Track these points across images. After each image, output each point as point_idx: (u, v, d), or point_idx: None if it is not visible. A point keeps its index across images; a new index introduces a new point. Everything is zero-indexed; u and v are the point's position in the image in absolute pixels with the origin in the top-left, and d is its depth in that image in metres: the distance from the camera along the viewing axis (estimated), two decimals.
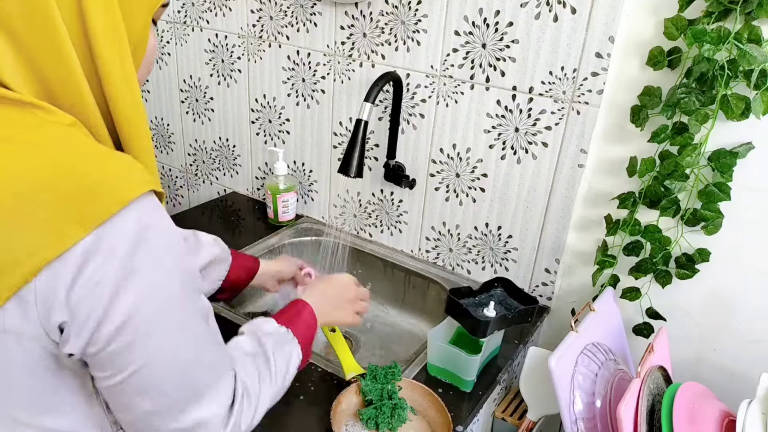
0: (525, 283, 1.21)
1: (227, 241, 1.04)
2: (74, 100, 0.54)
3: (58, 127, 0.53)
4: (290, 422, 0.88)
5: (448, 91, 1.15)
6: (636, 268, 1.05)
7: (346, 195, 1.41)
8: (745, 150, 0.91)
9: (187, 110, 1.63)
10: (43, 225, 0.49)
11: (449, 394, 0.97)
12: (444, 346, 0.98)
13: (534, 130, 1.08)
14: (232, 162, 1.60)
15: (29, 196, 0.49)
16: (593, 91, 1.00)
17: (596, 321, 1.00)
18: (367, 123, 1.07)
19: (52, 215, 0.49)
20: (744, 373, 1.05)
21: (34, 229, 0.49)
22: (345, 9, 1.22)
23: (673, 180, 0.95)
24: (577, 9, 0.97)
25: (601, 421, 0.90)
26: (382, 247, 1.38)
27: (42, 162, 0.51)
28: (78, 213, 0.49)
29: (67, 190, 0.50)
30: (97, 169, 0.52)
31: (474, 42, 1.09)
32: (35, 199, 0.49)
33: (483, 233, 1.22)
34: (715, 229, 0.97)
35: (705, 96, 0.88)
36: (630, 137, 1.01)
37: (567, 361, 0.91)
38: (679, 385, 0.88)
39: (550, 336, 1.24)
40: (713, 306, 1.04)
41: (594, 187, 1.08)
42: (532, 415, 1.02)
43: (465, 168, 1.19)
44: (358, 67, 1.25)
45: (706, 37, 0.84)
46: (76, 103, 0.54)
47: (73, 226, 0.49)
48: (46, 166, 0.51)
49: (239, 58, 1.44)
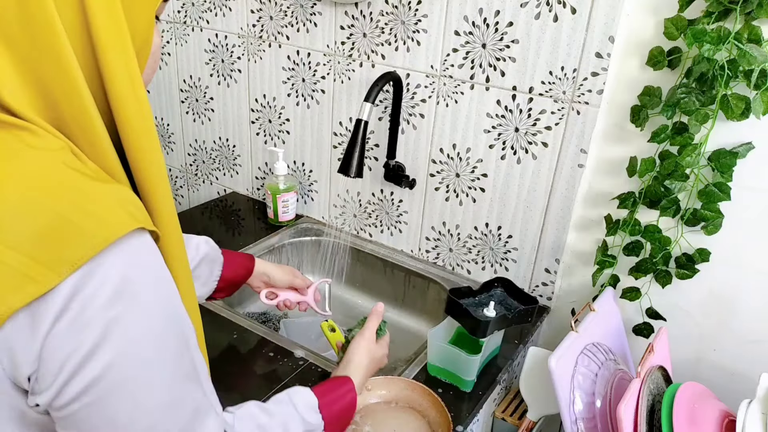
0: (525, 283, 1.21)
1: (227, 241, 1.05)
2: (76, 112, 0.49)
3: (39, 154, 0.47)
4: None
5: (448, 91, 1.15)
6: (636, 268, 1.05)
7: (346, 195, 1.41)
8: (745, 150, 0.91)
9: (187, 110, 1.63)
10: (8, 269, 0.43)
11: (449, 394, 0.97)
12: (444, 346, 0.98)
13: (534, 130, 1.08)
14: (232, 162, 1.60)
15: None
16: (593, 91, 1.00)
17: (596, 321, 1.00)
18: (367, 123, 1.07)
19: (19, 258, 0.43)
20: (744, 373, 1.05)
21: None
22: (345, 9, 1.22)
23: (673, 180, 0.95)
24: (577, 9, 0.97)
25: (601, 421, 0.90)
26: (382, 247, 1.38)
27: (8, 196, 0.45)
28: (49, 256, 0.44)
29: (35, 229, 0.44)
30: (74, 205, 0.46)
31: (474, 42, 1.09)
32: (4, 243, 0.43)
33: (483, 233, 1.22)
34: (715, 229, 0.97)
35: (705, 96, 0.88)
36: (630, 137, 1.01)
37: (567, 361, 0.91)
38: (679, 385, 0.88)
39: (550, 336, 1.24)
40: (713, 306, 1.04)
41: (594, 187, 1.08)
42: (532, 415, 1.02)
43: (465, 168, 1.19)
44: (358, 67, 1.25)
45: (706, 37, 0.84)
46: (77, 115, 0.49)
47: (42, 270, 0.43)
48: (12, 201, 0.45)
49: (239, 58, 1.44)
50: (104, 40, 0.48)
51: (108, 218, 0.46)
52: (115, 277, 0.46)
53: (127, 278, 0.47)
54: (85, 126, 0.49)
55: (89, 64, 0.49)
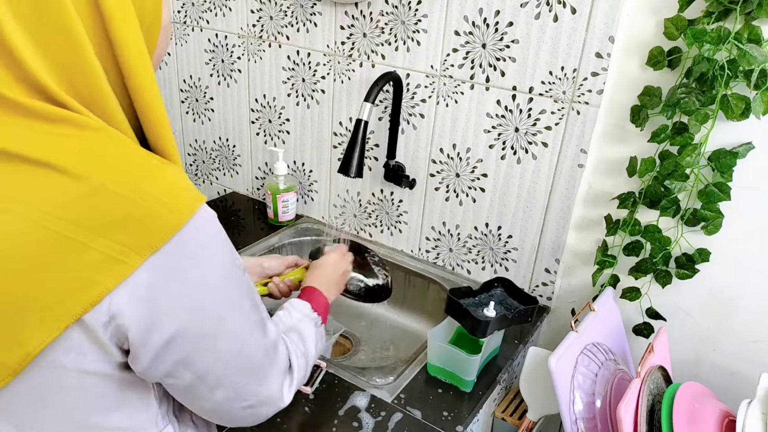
0: (525, 283, 1.21)
1: None
2: (94, 89, 0.52)
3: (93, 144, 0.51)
4: (292, 424, 0.89)
5: (448, 91, 1.15)
6: (636, 268, 1.05)
7: (346, 195, 1.41)
8: (745, 150, 0.91)
9: (187, 110, 1.63)
10: (99, 255, 0.48)
11: (449, 394, 0.97)
12: (444, 346, 0.98)
13: (534, 130, 1.08)
14: (232, 162, 1.60)
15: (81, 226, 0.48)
16: (593, 91, 1.00)
17: (596, 321, 1.00)
18: (367, 123, 1.07)
19: (109, 244, 0.48)
20: (744, 373, 1.05)
21: (90, 261, 0.48)
22: (345, 9, 1.22)
23: (673, 180, 0.95)
24: (577, 9, 0.97)
25: (601, 421, 0.90)
26: (382, 247, 1.38)
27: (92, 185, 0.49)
28: (134, 240, 0.49)
29: (119, 216, 0.49)
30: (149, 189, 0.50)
31: (474, 42, 1.09)
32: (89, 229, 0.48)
33: (483, 233, 1.22)
34: (715, 229, 0.97)
35: (705, 96, 0.88)
36: (630, 137, 1.01)
37: (567, 361, 0.91)
38: (679, 385, 0.88)
39: (550, 336, 1.24)
40: (713, 306, 1.04)
41: (594, 187, 1.08)
42: (532, 415, 1.02)
43: (465, 168, 1.19)
44: (358, 67, 1.25)
45: (706, 37, 0.84)
46: (95, 92, 0.52)
47: (129, 253, 0.49)
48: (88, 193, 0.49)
49: (239, 58, 1.44)
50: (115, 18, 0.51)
51: (178, 203, 0.52)
52: (192, 248, 0.52)
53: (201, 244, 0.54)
54: (102, 103, 0.52)
55: (101, 43, 0.51)
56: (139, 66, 0.53)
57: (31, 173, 0.48)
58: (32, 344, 0.49)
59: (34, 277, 0.48)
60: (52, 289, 0.48)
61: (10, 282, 0.48)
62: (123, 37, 0.51)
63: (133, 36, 0.52)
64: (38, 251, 0.48)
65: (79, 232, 0.48)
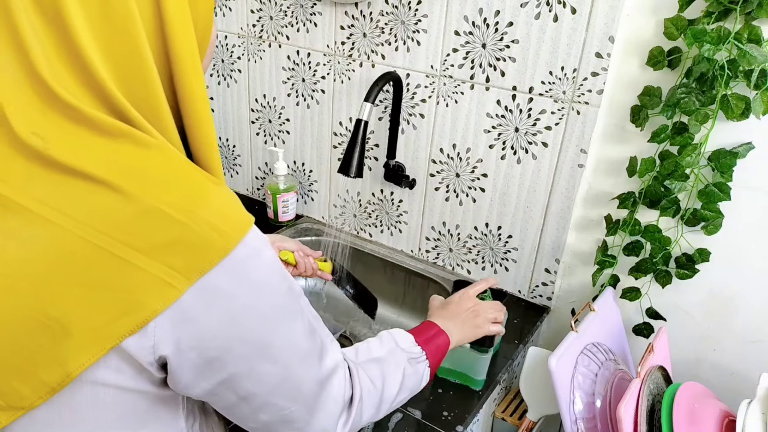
0: (525, 282, 1.21)
1: None
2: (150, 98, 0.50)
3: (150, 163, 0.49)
4: None
5: (448, 91, 1.15)
6: (636, 268, 1.05)
7: (346, 195, 1.41)
8: (745, 150, 0.91)
9: None
10: (147, 276, 0.47)
11: (449, 394, 0.97)
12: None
13: (534, 130, 1.08)
14: (232, 162, 1.60)
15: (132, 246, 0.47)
16: (593, 91, 1.00)
17: (596, 321, 1.00)
18: (367, 123, 1.07)
19: (157, 266, 0.47)
20: (744, 373, 1.05)
21: (139, 282, 0.47)
22: (345, 9, 1.22)
23: (673, 180, 0.95)
24: (577, 9, 0.97)
25: (601, 421, 0.90)
26: (382, 247, 1.38)
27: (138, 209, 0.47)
28: (182, 264, 0.48)
29: (167, 238, 0.47)
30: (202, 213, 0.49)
31: (474, 42, 1.09)
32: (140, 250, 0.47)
33: (483, 233, 1.22)
34: (715, 229, 0.97)
35: (705, 96, 0.88)
36: (630, 137, 1.01)
37: (567, 361, 0.91)
38: (679, 385, 0.88)
39: (550, 336, 1.24)
40: (713, 306, 1.04)
41: (594, 187, 1.08)
42: (532, 415, 1.02)
43: (465, 168, 1.19)
44: (358, 67, 1.25)
45: (706, 37, 0.84)
46: (151, 100, 0.50)
47: (178, 277, 0.48)
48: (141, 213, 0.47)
49: (239, 58, 1.44)
50: (174, 24, 0.49)
51: (228, 227, 0.50)
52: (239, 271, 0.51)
53: (250, 266, 0.52)
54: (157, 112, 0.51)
55: (159, 50, 0.50)
56: (192, 75, 0.51)
57: (85, 189, 0.47)
58: (74, 365, 0.47)
59: (81, 295, 0.46)
60: (98, 309, 0.47)
61: (56, 298, 0.46)
62: (180, 45, 0.50)
63: (189, 43, 0.50)
64: (87, 269, 0.46)
65: (129, 253, 0.47)
